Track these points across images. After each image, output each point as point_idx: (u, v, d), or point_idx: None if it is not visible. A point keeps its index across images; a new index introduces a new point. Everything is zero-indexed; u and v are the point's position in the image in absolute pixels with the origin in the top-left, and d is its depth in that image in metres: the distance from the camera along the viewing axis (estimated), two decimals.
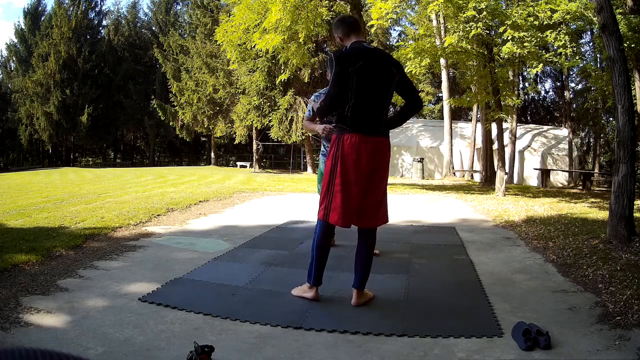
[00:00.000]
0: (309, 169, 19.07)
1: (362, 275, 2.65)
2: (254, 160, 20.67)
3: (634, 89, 9.18)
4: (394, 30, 26.35)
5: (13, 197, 7.87)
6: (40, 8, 29.26)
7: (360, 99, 2.47)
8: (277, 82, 15.94)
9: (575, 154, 19.29)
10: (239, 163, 23.92)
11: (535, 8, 7.88)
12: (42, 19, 28.63)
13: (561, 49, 7.74)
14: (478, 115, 15.86)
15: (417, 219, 5.83)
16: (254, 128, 19.58)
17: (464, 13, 7.82)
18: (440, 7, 8.26)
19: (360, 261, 2.66)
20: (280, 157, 27.08)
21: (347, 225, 2.57)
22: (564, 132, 19.38)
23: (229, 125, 21.14)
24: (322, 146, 3.75)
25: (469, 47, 8.56)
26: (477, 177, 15.13)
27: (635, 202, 4.00)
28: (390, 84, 2.54)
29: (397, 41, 21.53)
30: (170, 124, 23.87)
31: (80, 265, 3.42)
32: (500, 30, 8.07)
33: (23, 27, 28.58)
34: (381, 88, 2.52)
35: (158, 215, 5.67)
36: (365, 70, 2.46)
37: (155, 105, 23.56)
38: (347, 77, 2.45)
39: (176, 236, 4.58)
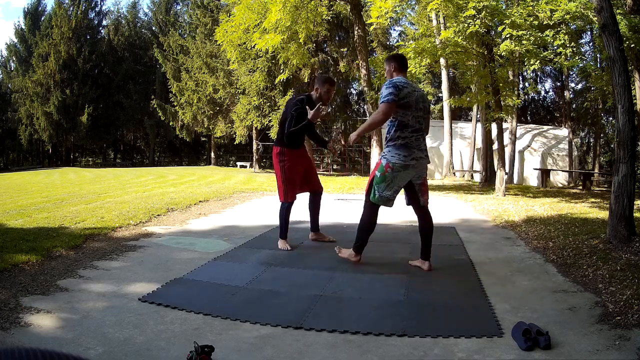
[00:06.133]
0: None
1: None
2: (254, 160, 20.67)
3: (634, 89, 9.17)
4: (394, 30, 26.35)
5: (13, 197, 7.88)
6: (40, 8, 29.25)
7: None
8: (276, 82, 15.93)
9: (575, 154, 19.28)
10: (239, 163, 23.90)
11: (535, 8, 7.88)
12: (42, 19, 28.61)
13: (561, 48, 7.74)
14: (478, 115, 15.86)
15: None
16: (254, 128, 19.57)
17: (463, 13, 7.82)
18: (440, 6, 8.26)
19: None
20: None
21: None
22: (564, 132, 19.36)
23: (229, 125, 21.13)
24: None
25: (466, 44, 8.55)
26: (477, 177, 15.12)
27: (635, 202, 4.00)
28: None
29: (397, 41, 21.54)
30: (170, 124, 23.86)
31: (80, 265, 3.42)
32: (499, 29, 8.07)
33: (23, 27, 28.57)
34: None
35: (158, 215, 5.67)
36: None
37: (155, 105, 23.55)
38: None
39: (176, 236, 4.58)
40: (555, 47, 8.20)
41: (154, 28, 30.10)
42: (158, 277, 3.19)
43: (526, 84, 23.63)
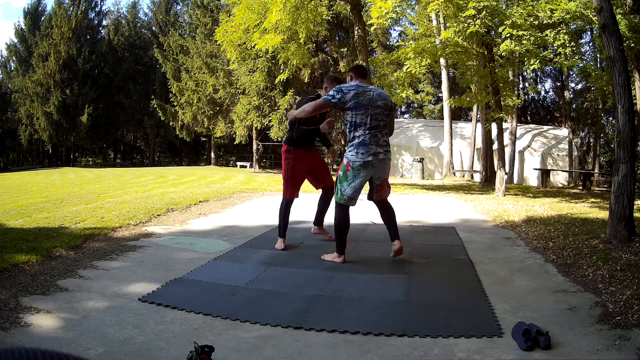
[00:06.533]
0: None
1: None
2: (254, 160, 20.67)
3: (634, 89, 9.18)
4: (394, 30, 26.37)
5: (13, 197, 7.88)
6: (40, 8, 29.27)
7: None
8: (276, 82, 15.94)
9: (575, 154, 19.28)
10: (239, 163, 23.90)
11: (535, 7, 7.88)
12: (42, 19, 28.63)
13: (560, 48, 7.74)
14: (478, 115, 15.86)
15: (417, 219, 5.83)
16: (254, 128, 19.58)
17: (463, 13, 7.82)
18: (440, 6, 8.26)
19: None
20: (280, 157, 27.01)
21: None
22: (564, 132, 19.36)
23: (229, 125, 21.14)
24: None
25: (466, 44, 8.55)
26: (477, 177, 15.13)
27: (635, 202, 4.00)
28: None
29: (397, 41, 21.54)
30: (170, 124, 23.88)
31: (80, 265, 3.42)
32: (500, 29, 8.07)
33: (23, 27, 28.58)
34: None
35: (158, 215, 5.67)
36: None
37: (155, 105, 23.56)
38: None
39: (176, 236, 4.58)
40: (555, 47, 8.20)
41: (154, 28, 30.11)
42: (158, 277, 3.18)
43: (526, 84, 23.65)
